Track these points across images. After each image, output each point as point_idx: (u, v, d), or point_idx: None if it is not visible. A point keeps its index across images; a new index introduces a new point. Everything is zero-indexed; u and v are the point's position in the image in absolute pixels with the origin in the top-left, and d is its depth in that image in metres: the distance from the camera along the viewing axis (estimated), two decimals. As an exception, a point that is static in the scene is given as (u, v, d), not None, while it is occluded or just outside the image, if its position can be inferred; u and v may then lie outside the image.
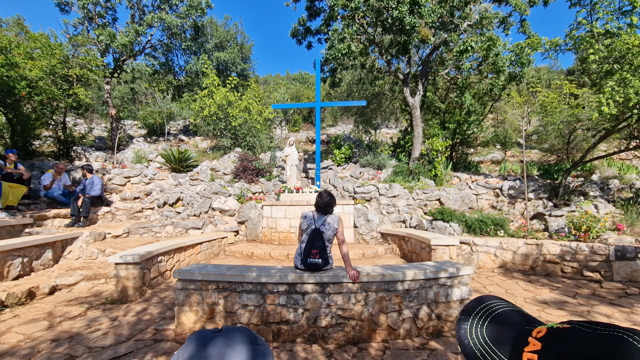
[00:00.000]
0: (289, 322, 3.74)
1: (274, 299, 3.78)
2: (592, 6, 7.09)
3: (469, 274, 4.17)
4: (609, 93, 6.44)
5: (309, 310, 3.76)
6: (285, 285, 3.79)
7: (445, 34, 10.07)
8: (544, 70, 30.88)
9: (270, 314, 3.75)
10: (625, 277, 5.96)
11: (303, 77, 40.03)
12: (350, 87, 15.16)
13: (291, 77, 43.70)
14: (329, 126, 23.18)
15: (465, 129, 10.98)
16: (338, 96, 17.77)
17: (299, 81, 37.59)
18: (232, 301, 3.80)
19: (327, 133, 20.04)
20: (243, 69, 21.77)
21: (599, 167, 10.77)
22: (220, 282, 3.82)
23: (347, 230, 8.52)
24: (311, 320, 3.74)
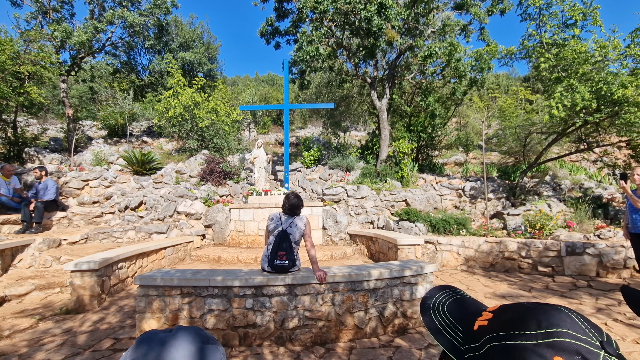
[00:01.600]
0: (256, 325, 3.70)
1: (240, 302, 3.73)
2: (540, 19, 7.57)
3: (432, 272, 4.31)
4: (558, 98, 6.89)
5: (277, 313, 3.74)
6: (252, 289, 3.75)
7: (411, 39, 10.39)
8: (503, 77, 32.54)
9: (236, 318, 3.69)
10: (575, 271, 6.38)
11: (272, 79, 39.81)
12: (319, 89, 15.27)
13: (260, 79, 43.34)
14: (299, 128, 23.19)
15: (430, 131, 11.36)
16: (307, 98, 17.83)
17: (268, 83, 37.35)
18: (197, 306, 3.70)
19: (296, 135, 20.04)
20: (210, 70, 21.33)
21: (552, 168, 11.49)
22: (185, 287, 3.72)
23: (316, 231, 8.55)
24: (278, 322, 3.71)
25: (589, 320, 0.49)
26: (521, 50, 8.07)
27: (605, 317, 4.23)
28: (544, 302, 0.53)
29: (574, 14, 7.26)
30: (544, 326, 0.47)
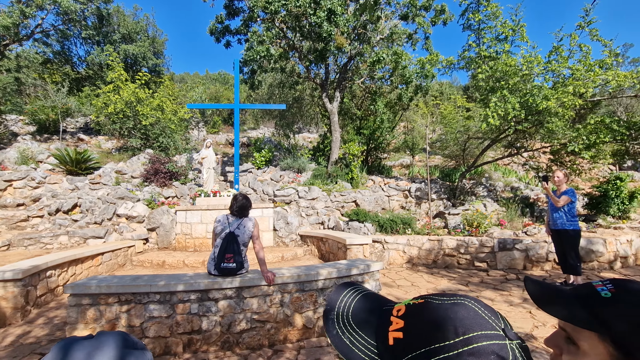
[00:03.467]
0: (201, 330, 3.59)
1: (184, 307, 3.59)
2: (479, 32, 8.22)
3: (378, 270, 4.47)
4: (493, 107, 7.50)
5: (223, 317, 3.65)
6: (198, 293, 3.63)
7: (360, 45, 10.70)
8: (446, 85, 34.63)
9: (180, 324, 3.55)
10: (506, 265, 6.97)
11: (224, 78, 38.77)
12: (271, 90, 15.16)
13: (211, 77, 41.99)
14: (251, 129, 22.80)
15: (378, 135, 11.77)
16: (259, 99, 17.62)
17: (220, 81, 36.31)
18: (137, 314, 3.50)
19: (248, 136, 19.69)
20: (155, 65, 20.25)
21: (488, 171, 12.45)
22: (123, 294, 3.50)
23: (267, 233, 8.48)
24: (225, 326, 3.64)
25: (487, 307, 0.53)
26: (460, 61, 8.66)
27: (530, 306, 4.67)
28: (449, 294, 0.54)
29: (505, 30, 7.95)
30: (460, 332, 0.47)
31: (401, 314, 0.53)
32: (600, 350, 0.70)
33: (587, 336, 0.72)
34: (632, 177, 13.09)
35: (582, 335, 0.73)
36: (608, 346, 0.69)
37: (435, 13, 11.47)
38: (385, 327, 0.53)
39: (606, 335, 0.70)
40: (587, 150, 7.88)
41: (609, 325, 0.70)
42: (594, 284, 0.78)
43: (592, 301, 0.75)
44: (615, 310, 0.71)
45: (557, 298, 0.81)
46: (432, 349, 0.47)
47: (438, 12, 11.47)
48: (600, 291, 0.75)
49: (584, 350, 0.72)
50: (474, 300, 0.53)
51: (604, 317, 0.71)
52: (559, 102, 7.34)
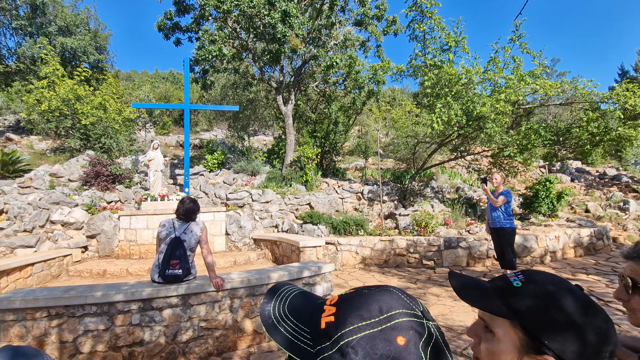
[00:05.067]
0: (143, 342, 3.39)
1: (125, 319, 3.38)
2: (424, 42, 8.66)
3: (330, 271, 4.52)
4: (437, 113, 7.91)
5: (168, 326, 3.49)
6: (140, 302, 3.43)
7: (315, 49, 10.81)
8: (398, 91, 35.99)
9: (120, 336, 3.33)
10: (451, 263, 7.36)
11: (175, 77, 37.19)
12: (224, 91, 14.79)
13: (161, 76, 40.11)
14: (204, 130, 22.07)
15: (333, 138, 11.94)
16: (212, 99, 17.12)
17: (170, 80, 34.78)
18: (69, 329, 3.23)
19: (200, 137, 19.04)
20: (98, 60, 18.94)
21: (436, 173, 13.09)
22: (54, 308, 3.22)
23: (219, 237, 8.24)
24: (170, 336, 3.47)
25: (409, 295, 0.59)
26: (409, 69, 9.06)
27: (471, 300, 4.96)
28: (377, 285, 0.60)
29: (449, 41, 8.45)
30: (385, 311, 0.52)
31: (334, 303, 0.58)
32: (512, 335, 0.76)
33: (501, 323, 0.77)
34: (560, 179, 14.45)
35: (497, 323, 0.79)
36: (518, 331, 0.75)
37: (387, 24, 11.90)
38: (318, 315, 0.57)
39: (516, 322, 0.76)
40: (520, 154, 8.56)
41: (518, 312, 0.77)
42: (508, 275, 0.85)
43: (505, 291, 0.81)
44: (523, 298, 0.78)
45: (476, 290, 0.87)
46: (360, 325, 0.51)
47: (389, 22, 11.91)
48: (513, 281, 0.81)
49: (498, 337, 0.78)
50: (397, 289, 0.58)
51: (514, 305, 0.78)
52: (493, 107, 7.90)
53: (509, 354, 0.76)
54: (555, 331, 0.71)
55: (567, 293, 0.74)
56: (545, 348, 0.71)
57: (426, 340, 0.51)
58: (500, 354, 0.77)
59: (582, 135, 8.59)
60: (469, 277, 0.90)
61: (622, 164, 18.54)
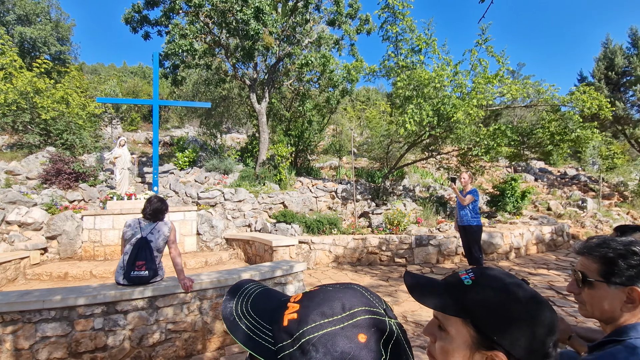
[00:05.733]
0: (107, 347, 3.25)
1: (86, 323, 3.22)
2: (396, 43, 8.81)
3: (302, 270, 4.50)
4: (410, 114, 8.06)
5: (134, 330, 3.36)
6: (103, 306, 3.28)
7: (289, 47, 10.74)
8: (372, 91, 36.44)
9: (81, 342, 3.17)
10: (422, 260, 7.52)
11: (144, 71, 35.90)
12: (196, 87, 14.41)
13: (129, 70, 38.62)
14: (175, 127, 21.43)
15: (307, 136, 11.92)
16: (183, 95, 16.65)
17: (139, 75, 33.55)
18: (25, 335, 3.05)
19: (171, 135, 18.48)
20: (60, 52, 17.99)
21: (408, 173, 13.36)
22: (8, 314, 3.02)
23: (190, 238, 8.04)
24: (136, 340, 3.35)
25: (372, 293, 0.58)
26: (381, 69, 9.18)
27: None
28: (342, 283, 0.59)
29: (420, 43, 8.63)
30: (347, 308, 0.52)
31: (297, 300, 0.57)
32: (463, 333, 0.77)
33: (453, 322, 0.78)
34: (525, 179, 15.11)
35: (450, 322, 0.79)
36: (469, 329, 0.76)
37: (360, 22, 11.99)
38: (281, 312, 0.56)
39: (468, 319, 0.77)
40: (486, 154, 8.87)
41: (468, 309, 0.78)
42: (460, 273, 0.85)
43: (457, 289, 0.82)
44: (474, 296, 0.78)
45: (429, 289, 0.87)
46: (322, 322, 0.51)
47: (363, 21, 12.01)
48: (464, 280, 0.82)
49: (451, 335, 0.79)
50: (361, 287, 0.59)
51: (465, 303, 0.79)
52: (466, 113, 8.16)
53: (461, 351, 0.77)
54: (503, 327, 0.72)
55: (515, 290, 0.76)
56: (495, 344, 0.73)
57: (387, 338, 0.52)
58: (453, 351, 0.78)
59: (543, 135, 9.01)
60: (423, 277, 0.91)
61: (581, 164, 19.64)
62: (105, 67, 40.53)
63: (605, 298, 1.21)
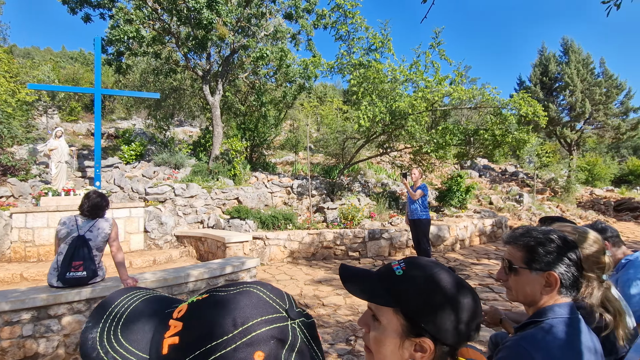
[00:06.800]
0: (38, 355, 3.00)
1: (13, 330, 2.94)
2: (349, 42, 8.95)
3: (255, 266, 4.44)
4: (363, 111, 8.23)
5: (69, 335, 3.13)
6: (33, 311, 3.02)
7: (245, 39, 10.47)
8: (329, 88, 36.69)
9: (7, 351, 2.90)
10: (374, 253, 7.75)
11: (85, 57, 33.18)
12: (145, 76, 13.58)
13: (68, 55, 35.53)
14: (121, 119, 20.10)
15: (262, 131, 11.74)
16: (130, 85, 15.66)
17: (80, 61, 30.98)
18: (-64, 348, 2.72)
19: (117, 126, 17.33)
20: (-15, 32, 16.12)
21: (363, 168, 13.64)
22: None
23: (136, 235, 7.61)
24: (72, 346, 3.12)
25: (274, 290, 0.52)
26: (337, 66, 9.27)
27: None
28: (236, 284, 0.51)
29: (375, 42, 8.82)
30: (239, 323, 0.44)
31: (181, 315, 0.47)
32: (394, 322, 0.79)
33: (385, 312, 0.80)
34: (470, 175, 16.09)
35: (381, 312, 0.81)
36: (400, 318, 0.78)
37: (317, 17, 11.97)
38: (161, 334, 0.46)
39: (398, 308, 0.79)
40: (436, 152, 9.30)
41: (398, 299, 0.80)
42: (392, 264, 0.88)
43: (388, 280, 0.84)
44: (404, 286, 0.81)
45: (363, 281, 0.89)
46: (208, 348, 0.42)
47: (319, 16, 12.00)
48: (395, 270, 0.84)
49: (384, 325, 0.80)
50: (260, 285, 0.52)
51: (395, 293, 0.81)
52: (410, 104, 8.46)
53: (392, 339, 0.79)
54: (430, 314, 0.75)
55: (440, 278, 0.79)
56: (423, 331, 0.76)
57: (290, 347, 0.46)
58: (384, 340, 0.80)
59: (487, 136, 9.62)
60: (358, 269, 0.93)
61: (519, 162, 21.28)
62: (41, 51, 37.03)
63: (527, 283, 1.31)
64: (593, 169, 19.87)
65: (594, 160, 20.89)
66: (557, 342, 1.15)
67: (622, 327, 1.55)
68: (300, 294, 5.22)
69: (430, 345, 0.76)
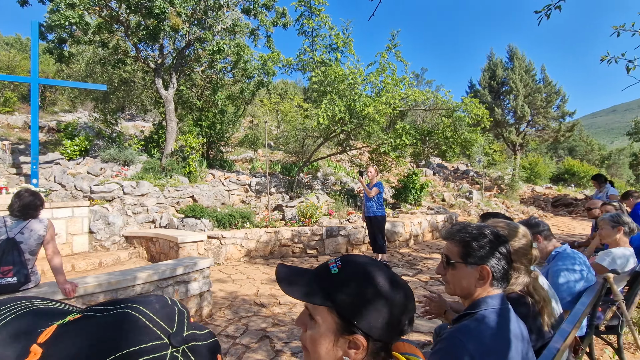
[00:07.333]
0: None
1: None
2: (313, 38, 8.95)
3: (208, 266, 4.31)
4: (323, 109, 8.27)
5: (-5, 348, 2.84)
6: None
7: (201, 31, 10.10)
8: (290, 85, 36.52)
9: None
10: (332, 250, 7.82)
11: (23, 44, 30.38)
12: (91, 66, 12.68)
13: (4, 40, 32.33)
14: (65, 111, 18.64)
15: (220, 127, 11.42)
16: (75, 75, 14.54)
17: (17, 47, 28.33)
18: None
19: (59, 119, 16.05)
20: None
21: (323, 166, 13.73)
22: None
23: (80, 237, 7.11)
24: (-1, 360, 2.83)
25: (163, 309, 0.46)
26: (297, 63, 9.23)
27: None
28: (116, 303, 0.45)
29: (337, 41, 8.89)
30: (104, 355, 0.38)
31: (44, 340, 0.40)
32: (329, 320, 0.80)
33: (320, 310, 0.80)
34: (425, 173, 16.75)
35: (317, 310, 0.81)
36: (334, 316, 0.79)
37: (277, 14, 11.83)
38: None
39: (332, 307, 0.80)
40: (393, 151, 9.57)
41: (332, 297, 0.81)
42: (329, 263, 0.88)
43: (324, 278, 0.84)
44: (337, 284, 0.81)
45: (298, 280, 0.88)
46: None
47: (279, 14, 11.87)
48: (332, 268, 0.84)
49: (319, 323, 0.81)
50: (145, 305, 0.45)
51: (329, 291, 0.82)
52: (376, 109, 8.67)
53: (326, 338, 0.80)
54: (362, 312, 0.76)
55: (372, 275, 0.81)
56: (355, 328, 0.77)
57: None
58: (319, 338, 0.80)
59: (439, 137, 10.05)
60: (294, 268, 0.92)
61: (470, 161, 22.49)
62: (-31, 34, 33.31)
63: (464, 277, 1.37)
64: (534, 168, 21.50)
65: (535, 160, 22.61)
66: (488, 331, 1.22)
67: (547, 314, 1.67)
68: (256, 293, 5.15)
69: (363, 342, 0.77)
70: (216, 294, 5.03)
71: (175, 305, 0.48)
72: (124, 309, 0.43)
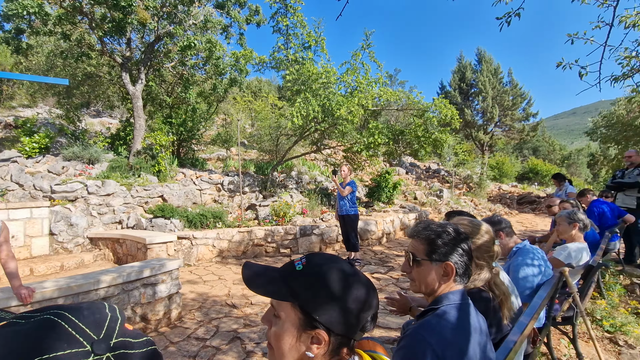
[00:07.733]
0: None
1: None
2: (287, 36, 8.89)
3: (177, 268, 4.20)
4: (297, 108, 8.24)
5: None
6: None
7: (171, 26, 9.80)
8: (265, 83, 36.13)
9: None
10: (306, 249, 7.82)
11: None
12: (52, 59, 12.02)
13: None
14: (24, 106, 17.60)
15: (191, 125, 11.15)
16: (35, 68, 13.75)
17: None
18: None
19: (18, 115, 15.16)
20: None
21: (297, 165, 13.69)
22: None
23: (39, 239, 6.75)
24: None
25: (90, 316, 0.45)
26: (271, 61, 9.15)
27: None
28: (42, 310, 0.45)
29: (309, 40, 8.88)
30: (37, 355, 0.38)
31: None
32: (292, 316, 0.81)
33: (284, 307, 0.82)
34: (398, 172, 17.06)
35: (281, 307, 0.83)
36: (297, 312, 0.81)
37: (250, 12, 11.65)
38: None
39: (296, 303, 0.82)
40: (366, 150, 9.68)
41: (295, 293, 0.82)
42: (294, 260, 0.90)
43: (288, 275, 0.86)
44: (301, 280, 0.83)
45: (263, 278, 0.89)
46: None
47: (252, 11, 11.70)
48: (297, 265, 0.87)
49: (282, 319, 0.82)
50: (70, 312, 0.44)
51: (293, 287, 0.83)
52: (349, 110, 8.73)
53: (290, 333, 0.81)
54: (322, 306, 0.79)
55: (334, 272, 0.82)
56: (316, 323, 0.79)
57: None
58: (283, 334, 0.81)
59: (411, 136, 10.27)
60: (260, 267, 0.93)
61: (441, 160, 23.11)
62: None
63: (429, 274, 1.41)
64: (501, 167, 22.39)
65: (502, 159, 23.55)
66: (449, 326, 1.26)
67: (507, 308, 1.74)
68: (228, 294, 5.08)
69: (325, 336, 0.79)
70: (186, 295, 4.92)
71: (113, 311, 0.47)
72: (47, 316, 0.42)
